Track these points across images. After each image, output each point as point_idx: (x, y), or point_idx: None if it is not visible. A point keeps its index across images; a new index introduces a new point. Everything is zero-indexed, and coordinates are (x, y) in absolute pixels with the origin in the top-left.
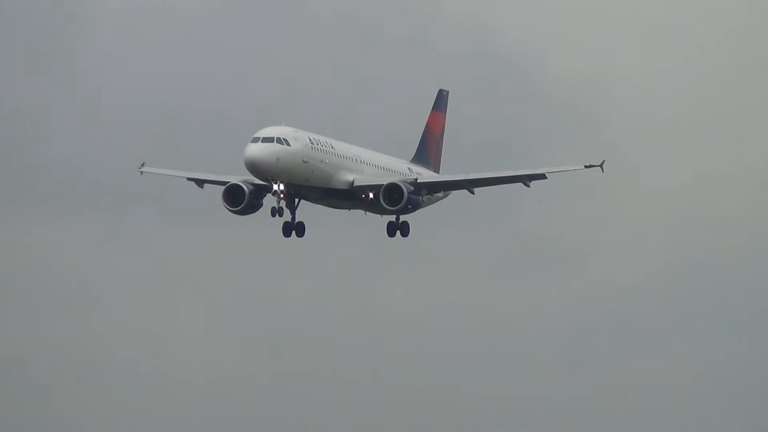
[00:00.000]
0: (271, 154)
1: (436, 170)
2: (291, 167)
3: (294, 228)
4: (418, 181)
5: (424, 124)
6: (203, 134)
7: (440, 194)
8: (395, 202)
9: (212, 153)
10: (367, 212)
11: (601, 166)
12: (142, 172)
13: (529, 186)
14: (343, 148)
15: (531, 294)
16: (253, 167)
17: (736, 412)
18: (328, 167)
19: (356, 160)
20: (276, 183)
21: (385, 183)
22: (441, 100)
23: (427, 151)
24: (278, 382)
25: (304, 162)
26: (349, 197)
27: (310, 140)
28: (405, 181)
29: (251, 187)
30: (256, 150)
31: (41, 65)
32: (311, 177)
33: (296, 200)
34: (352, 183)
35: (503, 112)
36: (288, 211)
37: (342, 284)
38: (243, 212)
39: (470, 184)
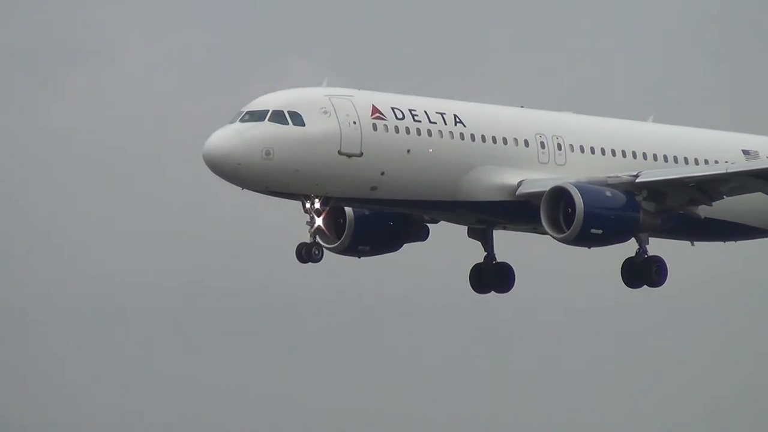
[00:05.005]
0: (250, 144)
1: None
2: (306, 168)
3: (491, 274)
4: (637, 181)
5: None
6: None
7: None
8: (566, 223)
9: None
10: None
11: None
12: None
13: None
14: (489, 120)
15: None
16: (217, 169)
17: None
18: (435, 160)
19: (540, 143)
20: (302, 198)
21: (548, 188)
22: None
23: None
24: None
25: (347, 155)
26: (518, 215)
27: (379, 112)
28: (601, 183)
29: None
30: (219, 138)
31: None
32: (384, 183)
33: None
34: (516, 189)
35: None
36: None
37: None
38: (347, 250)
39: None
